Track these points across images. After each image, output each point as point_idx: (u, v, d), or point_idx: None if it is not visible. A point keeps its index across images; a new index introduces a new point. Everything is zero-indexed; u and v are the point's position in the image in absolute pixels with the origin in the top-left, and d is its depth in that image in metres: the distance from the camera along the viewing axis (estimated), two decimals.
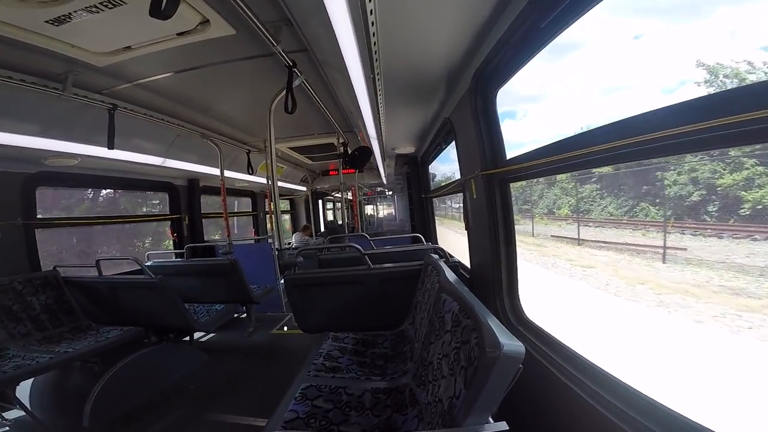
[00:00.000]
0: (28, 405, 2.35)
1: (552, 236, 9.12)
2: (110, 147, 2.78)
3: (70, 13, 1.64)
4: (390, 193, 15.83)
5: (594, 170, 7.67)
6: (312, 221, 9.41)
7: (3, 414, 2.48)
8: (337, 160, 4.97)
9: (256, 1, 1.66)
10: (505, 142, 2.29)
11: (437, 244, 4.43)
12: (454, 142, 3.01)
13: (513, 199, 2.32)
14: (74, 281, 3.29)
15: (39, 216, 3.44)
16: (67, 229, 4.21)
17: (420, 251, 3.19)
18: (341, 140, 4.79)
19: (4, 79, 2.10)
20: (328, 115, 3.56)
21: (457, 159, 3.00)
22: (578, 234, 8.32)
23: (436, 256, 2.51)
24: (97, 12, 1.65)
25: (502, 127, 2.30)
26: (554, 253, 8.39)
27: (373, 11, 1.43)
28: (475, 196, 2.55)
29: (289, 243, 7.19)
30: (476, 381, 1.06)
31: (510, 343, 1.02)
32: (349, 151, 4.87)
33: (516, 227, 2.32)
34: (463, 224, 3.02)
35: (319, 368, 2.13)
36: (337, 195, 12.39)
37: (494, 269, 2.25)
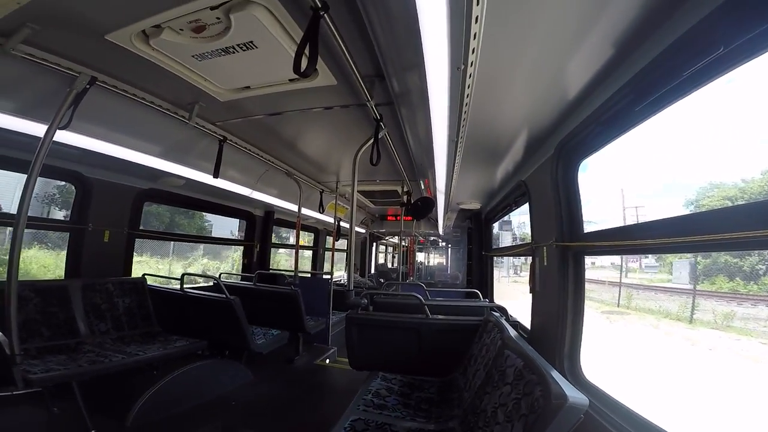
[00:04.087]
0: (80, 398, 2.43)
1: None
2: (215, 176, 3.15)
3: (212, 51, 1.94)
4: (443, 244, 15.69)
5: None
6: (366, 262, 9.57)
7: (55, 404, 2.56)
8: (398, 206, 5.09)
9: (357, 55, 1.87)
10: None
11: (494, 301, 4.29)
12: (526, 205, 2.99)
13: None
14: (157, 290, 3.61)
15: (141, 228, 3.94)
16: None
17: (477, 308, 3.23)
18: (405, 189, 4.95)
19: (147, 102, 2.48)
20: (399, 164, 3.74)
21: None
22: None
23: (496, 314, 2.60)
24: (233, 53, 1.94)
25: None
26: None
27: (471, 83, 1.55)
28: (546, 263, 2.51)
29: (340, 279, 7.33)
30: (537, 427, 1.16)
31: (574, 395, 1.14)
32: (412, 201, 5.01)
33: None
34: (505, 273, 3.00)
35: (368, 404, 2.27)
36: (391, 240, 12.54)
37: (558, 333, 2.25)
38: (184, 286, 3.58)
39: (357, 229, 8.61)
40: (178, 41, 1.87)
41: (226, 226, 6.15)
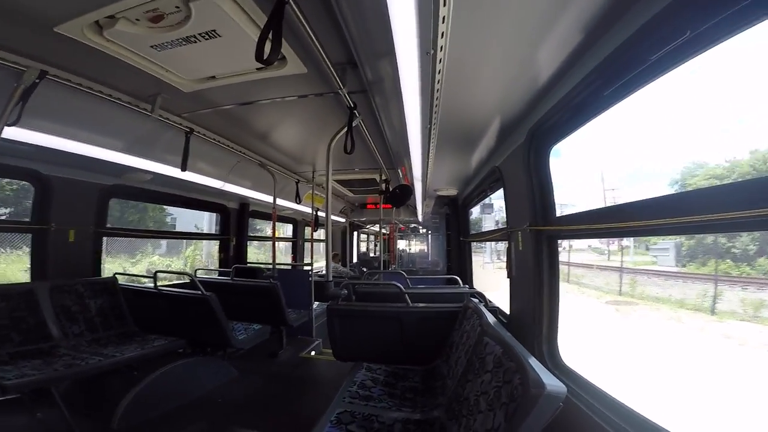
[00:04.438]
0: (62, 402, 2.40)
1: None
2: (183, 169, 3.03)
3: (172, 41, 1.84)
4: (424, 230, 15.86)
5: None
6: (347, 251, 9.57)
7: (38, 409, 2.50)
8: (377, 194, 5.07)
9: (328, 42, 1.82)
10: None
11: (473, 287, 4.39)
12: (501, 190, 3.04)
13: None
14: (130, 289, 3.50)
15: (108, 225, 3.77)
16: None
17: (457, 294, 3.27)
18: (384, 177, 4.94)
19: (105, 95, 2.35)
20: (375, 153, 3.72)
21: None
22: None
23: (475, 300, 2.60)
24: (195, 42, 1.85)
25: None
26: None
27: (442, 68, 1.55)
28: (521, 248, 2.57)
29: (321, 269, 7.30)
30: (517, 416, 1.16)
31: (552, 384, 1.14)
32: (391, 189, 5.01)
33: None
34: (488, 259, 3.07)
35: (353, 395, 2.25)
36: (372, 228, 12.55)
37: (535, 317, 2.28)
38: (158, 284, 3.47)
39: (336, 218, 8.55)
40: (134, 32, 1.76)
41: (191, 221, 5.97)
